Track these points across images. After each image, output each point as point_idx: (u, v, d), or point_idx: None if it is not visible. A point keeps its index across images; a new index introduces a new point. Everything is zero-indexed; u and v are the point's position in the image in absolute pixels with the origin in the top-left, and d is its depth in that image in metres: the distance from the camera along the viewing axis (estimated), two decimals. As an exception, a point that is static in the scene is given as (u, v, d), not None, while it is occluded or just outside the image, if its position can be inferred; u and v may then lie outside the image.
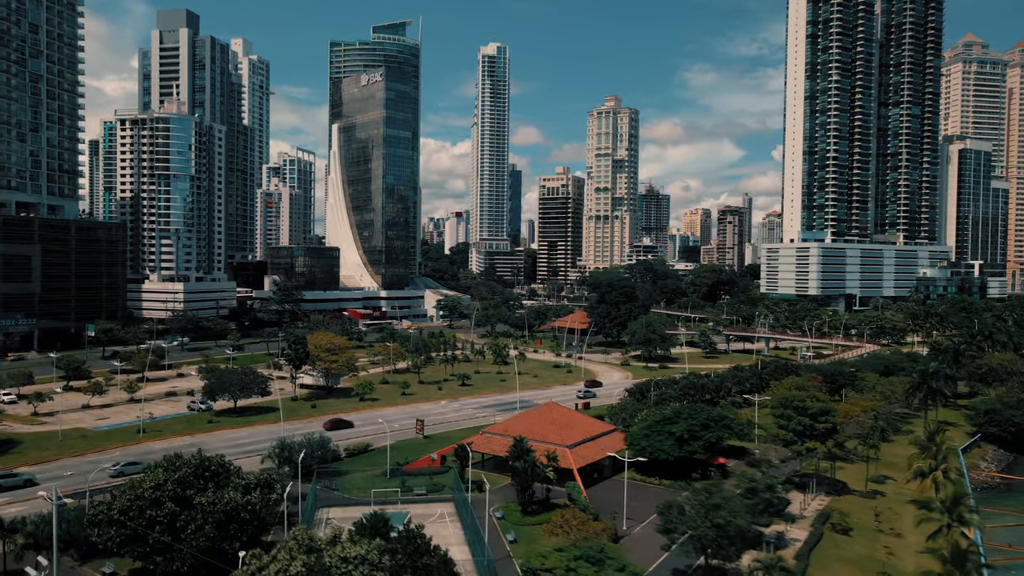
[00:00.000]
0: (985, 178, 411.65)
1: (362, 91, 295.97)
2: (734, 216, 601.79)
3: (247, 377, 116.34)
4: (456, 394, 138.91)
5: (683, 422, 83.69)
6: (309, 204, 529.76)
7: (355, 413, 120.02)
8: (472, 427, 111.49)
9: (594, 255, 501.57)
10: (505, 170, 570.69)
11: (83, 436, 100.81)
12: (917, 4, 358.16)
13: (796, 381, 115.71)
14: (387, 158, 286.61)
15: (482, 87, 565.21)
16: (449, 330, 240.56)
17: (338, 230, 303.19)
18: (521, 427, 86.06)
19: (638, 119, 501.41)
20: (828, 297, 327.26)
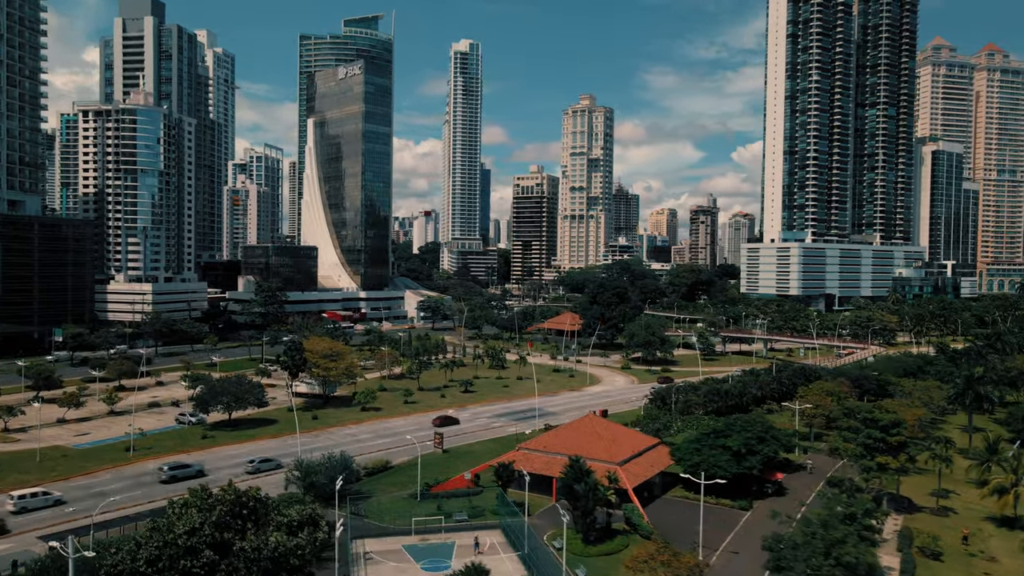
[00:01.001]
0: (957, 180, 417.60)
1: (339, 85, 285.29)
2: (706, 216, 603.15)
3: (242, 386, 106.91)
4: (462, 402, 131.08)
5: (737, 435, 77.44)
6: (277, 202, 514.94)
7: (359, 425, 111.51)
8: (491, 439, 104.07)
9: (569, 255, 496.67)
10: (477, 169, 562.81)
11: (64, 455, 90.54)
12: (893, 6, 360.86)
13: (826, 386, 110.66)
14: (366, 154, 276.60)
15: (454, 84, 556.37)
16: (434, 332, 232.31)
17: (314, 229, 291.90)
18: (563, 442, 78.94)
19: (613, 118, 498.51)
20: (809, 297, 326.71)
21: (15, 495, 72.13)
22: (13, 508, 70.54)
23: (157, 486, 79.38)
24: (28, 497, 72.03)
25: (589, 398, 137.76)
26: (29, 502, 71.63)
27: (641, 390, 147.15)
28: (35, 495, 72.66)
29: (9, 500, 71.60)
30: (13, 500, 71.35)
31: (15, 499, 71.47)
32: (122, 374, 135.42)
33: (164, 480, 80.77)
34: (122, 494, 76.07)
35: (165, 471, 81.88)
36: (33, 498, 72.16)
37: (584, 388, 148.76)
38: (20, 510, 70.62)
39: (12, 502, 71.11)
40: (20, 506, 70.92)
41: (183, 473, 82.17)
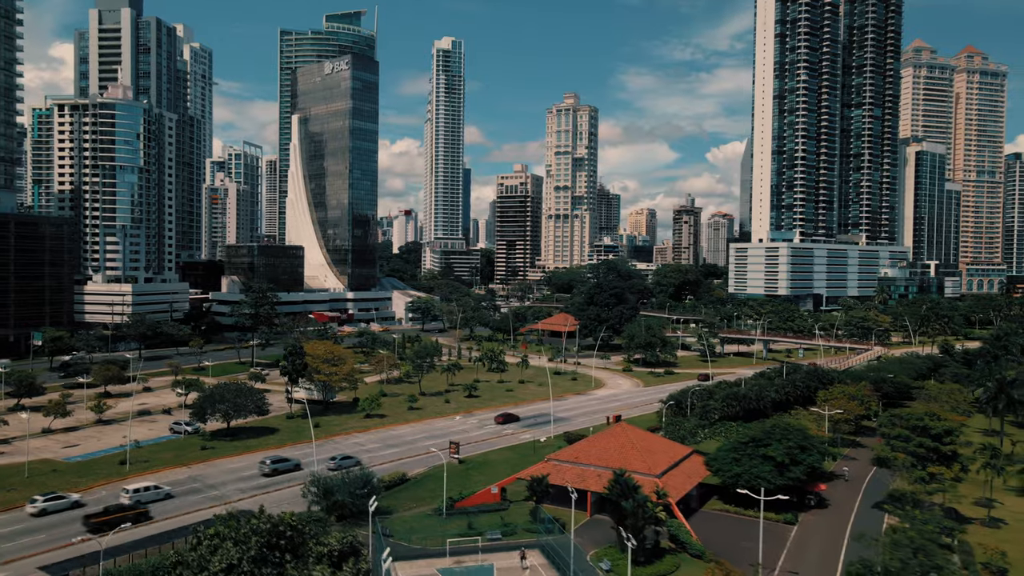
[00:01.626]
0: (940, 180, 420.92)
1: (325, 80, 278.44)
2: (689, 216, 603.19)
3: (241, 393, 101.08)
4: (468, 407, 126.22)
5: (778, 444, 73.63)
6: (256, 201, 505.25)
7: (365, 433, 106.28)
8: (506, 447, 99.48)
9: (554, 255, 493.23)
10: (460, 168, 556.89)
11: (54, 470, 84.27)
12: (878, 7, 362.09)
13: (848, 390, 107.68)
14: (354, 151, 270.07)
15: (436, 82, 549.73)
16: (424, 334, 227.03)
17: (299, 228, 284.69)
18: (596, 453, 74.61)
19: (597, 117, 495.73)
20: (797, 297, 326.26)
21: (130, 488, 74.28)
22: (128, 501, 72.23)
23: (162, 504, 73.65)
24: (142, 491, 74.15)
25: (597, 402, 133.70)
26: (143, 496, 73.66)
27: (647, 393, 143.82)
28: (148, 488, 74.92)
29: (124, 494, 73.70)
30: (128, 494, 73.49)
31: (130, 492, 73.64)
32: (108, 380, 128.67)
33: (266, 473, 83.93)
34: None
35: (268, 464, 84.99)
36: (146, 492, 74.34)
37: (590, 392, 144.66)
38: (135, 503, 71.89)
39: (127, 496, 73.22)
40: (135, 499, 72.78)
41: (284, 467, 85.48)
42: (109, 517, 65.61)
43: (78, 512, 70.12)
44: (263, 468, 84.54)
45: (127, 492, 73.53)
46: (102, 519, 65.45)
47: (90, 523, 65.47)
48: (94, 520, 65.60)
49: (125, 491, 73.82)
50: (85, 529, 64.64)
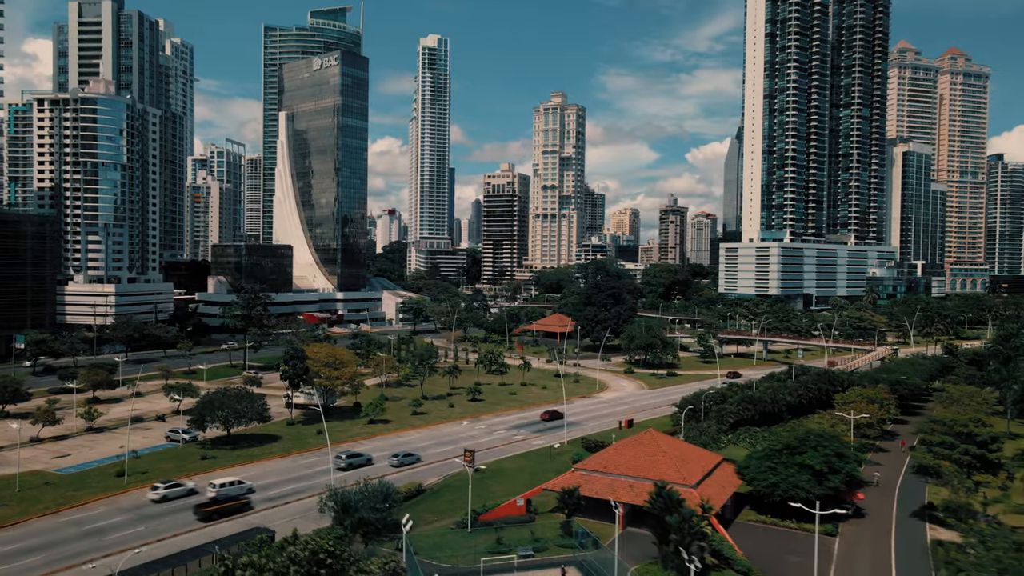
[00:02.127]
0: (926, 180, 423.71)
1: (313, 76, 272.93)
2: (675, 216, 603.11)
3: (241, 399, 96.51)
4: (473, 412, 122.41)
5: (813, 452, 70.67)
6: (239, 200, 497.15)
7: (372, 440, 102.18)
8: (519, 454, 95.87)
9: (541, 254, 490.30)
10: (446, 167, 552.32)
11: (46, 483, 79.28)
12: (866, 7, 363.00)
13: (866, 393, 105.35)
14: (343, 149, 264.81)
15: (422, 81, 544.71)
16: (416, 335, 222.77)
17: (287, 227, 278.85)
18: (625, 461, 71.23)
19: (584, 116, 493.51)
20: (788, 297, 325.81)
21: (216, 483, 75.58)
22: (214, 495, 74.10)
23: (167, 519, 69.26)
24: (227, 486, 75.73)
25: (604, 405, 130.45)
26: (229, 491, 75.31)
27: (653, 396, 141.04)
28: (232, 483, 76.49)
29: (211, 488, 74.94)
30: (215, 488, 74.73)
31: (216, 487, 74.94)
32: (96, 385, 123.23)
33: (342, 468, 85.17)
34: (126, 530, 65.89)
35: (343, 459, 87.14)
36: (231, 487, 75.97)
37: (594, 395, 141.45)
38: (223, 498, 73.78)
39: (214, 490, 74.55)
40: (221, 493, 74.34)
41: (358, 461, 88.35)
42: (218, 507, 71.56)
43: (194, 499, 74.77)
44: (339, 463, 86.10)
45: (214, 487, 74.98)
46: (212, 508, 71.04)
47: (201, 512, 70.68)
48: (204, 509, 70.80)
49: (212, 485, 75.31)
50: (196, 517, 70.34)
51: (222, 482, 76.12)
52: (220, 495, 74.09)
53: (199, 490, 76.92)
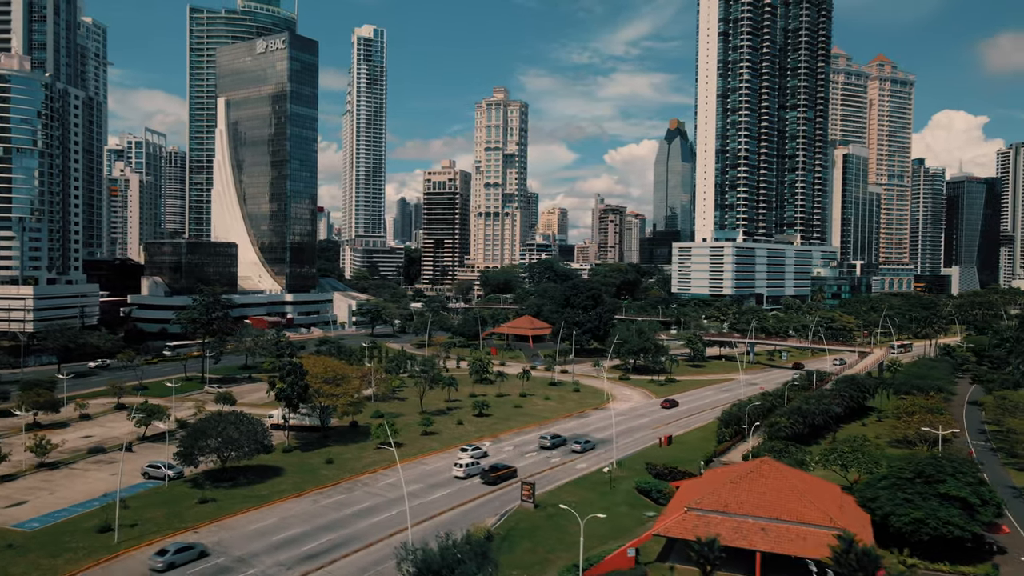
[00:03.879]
0: (863, 183, 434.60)
1: (256, 61, 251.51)
2: (615, 216, 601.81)
3: (241, 425, 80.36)
4: (489, 430, 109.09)
5: (952, 480, 61.72)
6: (160, 194, 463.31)
7: (393, 469, 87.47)
8: (571, 482, 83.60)
9: (483, 254, 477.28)
10: (383, 162, 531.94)
11: (9, 545, 61.44)
12: (811, 11, 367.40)
13: (918, 402, 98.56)
14: (292, 140, 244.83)
15: (357, 72, 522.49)
16: (375, 339, 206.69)
17: (228, 223, 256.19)
18: (747, 498, 60.18)
19: (527, 113, 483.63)
20: (741, 297, 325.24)
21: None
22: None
23: None
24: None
25: (624, 419, 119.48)
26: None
27: (664, 406, 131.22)
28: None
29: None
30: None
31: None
32: (37, 407, 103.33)
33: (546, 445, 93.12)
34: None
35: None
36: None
37: (605, 406, 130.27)
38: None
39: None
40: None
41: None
42: (499, 473, 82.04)
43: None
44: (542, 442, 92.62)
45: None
46: (496, 474, 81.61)
47: (488, 477, 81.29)
48: (492, 475, 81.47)
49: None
50: (483, 482, 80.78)
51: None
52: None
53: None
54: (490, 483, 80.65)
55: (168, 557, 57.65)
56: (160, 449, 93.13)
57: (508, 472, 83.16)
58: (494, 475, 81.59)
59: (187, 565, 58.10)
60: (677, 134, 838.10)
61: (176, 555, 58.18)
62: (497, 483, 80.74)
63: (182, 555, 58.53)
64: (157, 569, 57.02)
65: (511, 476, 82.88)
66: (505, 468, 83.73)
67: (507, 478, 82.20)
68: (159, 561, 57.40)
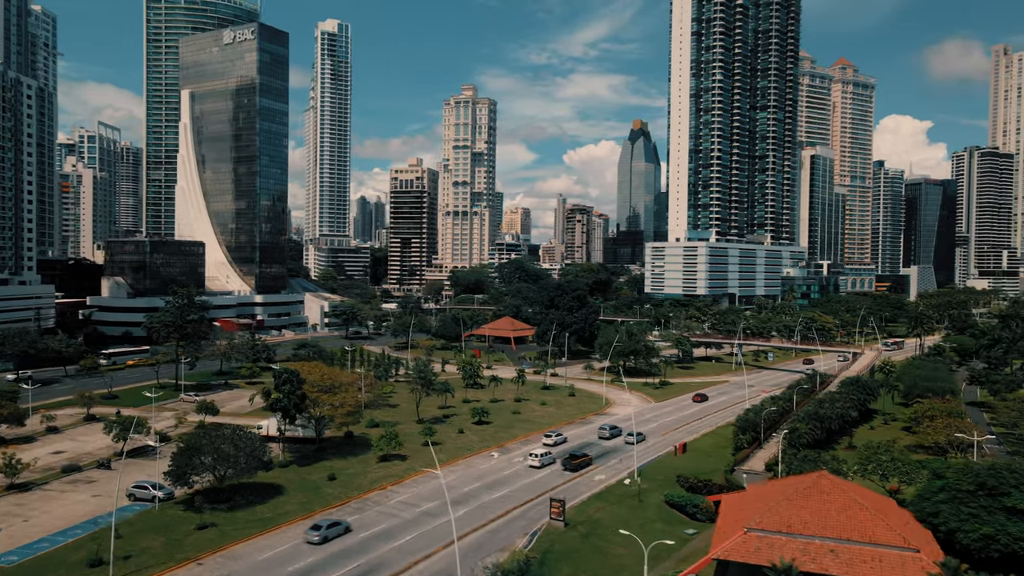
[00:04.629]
0: (830, 184, 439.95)
1: (224, 52, 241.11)
2: (582, 215, 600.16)
3: (238, 441, 73.36)
4: (494, 439, 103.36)
5: (1019, 492, 58.44)
6: (114, 191, 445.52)
7: (402, 485, 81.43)
8: (596, 495, 78.48)
9: (452, 253, 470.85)
10: (347, 160, 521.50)
11: (-16, 586, 54.22)
12: (781, 12, 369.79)
13: (941, 406, 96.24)
14: (261, 135, 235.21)
15: (321, 68, 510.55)
16: (350, 342, 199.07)
17: (192, 221, 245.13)
18: (810, 518, 55.91)
19: (496, 111, 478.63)
20: (715, 297, 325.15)
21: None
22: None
23: None
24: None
25: (630, 426, 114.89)
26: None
27: (667, 410, 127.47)
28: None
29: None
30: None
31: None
32: (0, 420, 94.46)
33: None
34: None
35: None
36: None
37: (605, 411, 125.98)
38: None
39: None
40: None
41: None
42: (578, 460, 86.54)
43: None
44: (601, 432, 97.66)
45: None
46: (576, 461, 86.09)
47: (570, 464, 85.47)
48: (573, 462, 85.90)
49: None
50: (564, 469, 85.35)
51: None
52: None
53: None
54: (571, 470, 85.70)
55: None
56: (142, 466, 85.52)
57: (586, 460, 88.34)
58: (575, 462, 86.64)
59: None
60: (640, 135, 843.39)
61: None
62: (577, 469, 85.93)
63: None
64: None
65: (588, 464, 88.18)
66: (583, 456, 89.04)
67: (584, 465, 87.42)
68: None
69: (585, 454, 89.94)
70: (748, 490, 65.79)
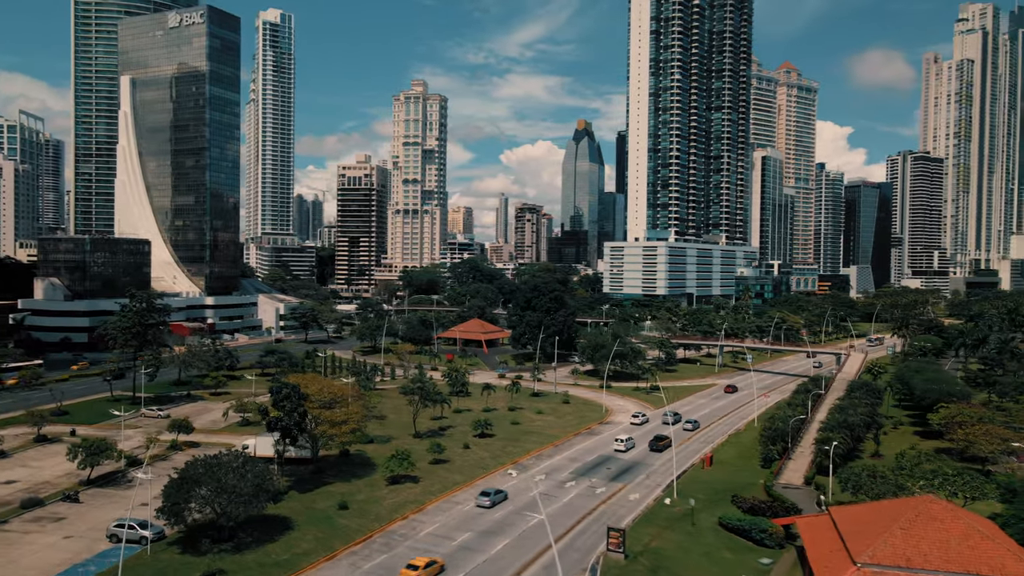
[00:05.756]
0: (779, 185, 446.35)
1: (168, 36, 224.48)
2: (532, 214, 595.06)
3: (242, 473, 63.02)
4: (504, 455, 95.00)
5: None
6: (38, 185, 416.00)
7: (425, 514, 72.30)
8: (641, 519, 71.21)
9: (402, 253, 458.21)
10: (292, 155, 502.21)
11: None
12: (734, 14, 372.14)
13: (969, 411, 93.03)
14: (211, 126, 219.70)
15: (262, 60, 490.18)
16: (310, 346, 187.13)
17: (134, 218, 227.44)
18: (930, 549, 49.94)
19: (447, 107, 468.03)
20: (675, 297, 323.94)
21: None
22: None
23: None
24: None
25: (643, 436, 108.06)
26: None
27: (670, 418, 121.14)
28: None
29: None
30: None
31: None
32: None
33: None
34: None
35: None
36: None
37: (608, 420, 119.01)
38: None
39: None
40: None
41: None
42: (663, 442, 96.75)
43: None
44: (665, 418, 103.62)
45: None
46: (661, 443, 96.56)
47: (656, 445, 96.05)
48: (659, 444, 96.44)
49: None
50: (650, 449, 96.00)
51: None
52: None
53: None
54: (657, 451, 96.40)
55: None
56: (114, 497, 74.10)
57: (667, 442, 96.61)
58: (660, 444, 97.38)
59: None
60: (585, 135, 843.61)
61: None
62: (662, 451, 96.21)
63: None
64: None
65: (668, 445, 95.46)
66: (665, 438, 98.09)
67: (666, 447, 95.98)
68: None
69: (666, 436, 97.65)
70: (835, 514, 59.67)
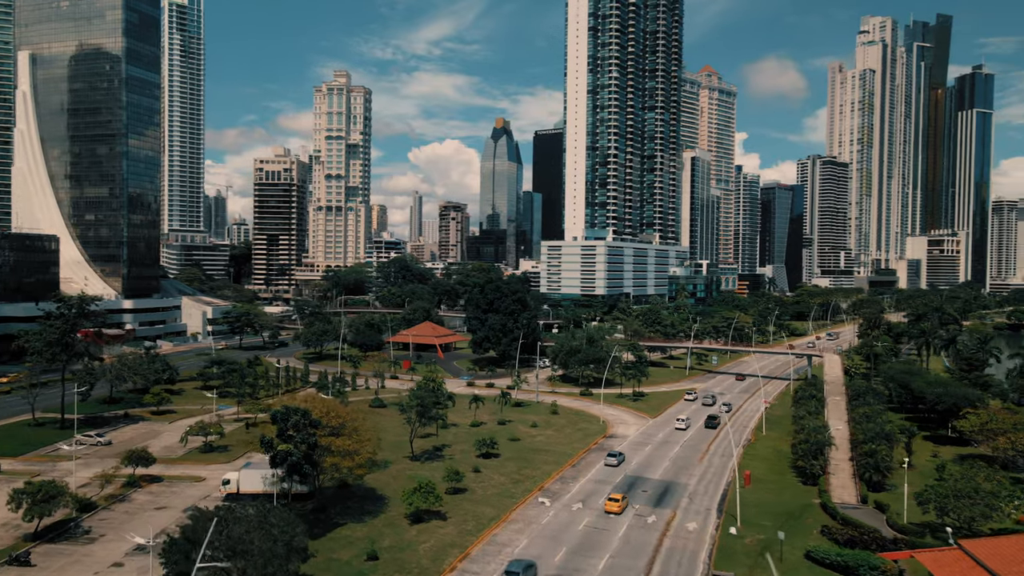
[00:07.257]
0: (707, 185, 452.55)
1: (76, 8, 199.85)
2: (457, 212, 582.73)
3: (269, 527, 50.10)
4: (526, 478, 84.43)
5: None
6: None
7: (472, 562, 61.21)
8: (720, 554, 62.58)
9: (324, 251, 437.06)
10: (202, 147, 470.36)
11: None
12: (666, 15, 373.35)
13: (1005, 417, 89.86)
14: (129, 109, 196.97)
15: (169, 44, 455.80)
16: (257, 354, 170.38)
17: (35, 211, 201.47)
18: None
19: (371, 100, 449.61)
20: (613, 297, 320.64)
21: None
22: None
23: None
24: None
25: (653, 449, 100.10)
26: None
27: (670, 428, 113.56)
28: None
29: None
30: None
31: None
32: None
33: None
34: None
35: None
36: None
37: (610, 433, 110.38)
38: None
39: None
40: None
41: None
42: (716, 420, 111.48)
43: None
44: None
45: None
46: (715, 421, 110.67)
47: (712, 423, 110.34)
48: (713, 422, 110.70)
49: None
50: (706, 427, 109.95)
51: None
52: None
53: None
54: (712, 428, 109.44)
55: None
56: (75, 556, 59.24)
57: (719, 420, 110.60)
58: (715, 421, 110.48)
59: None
60: (503, 133, 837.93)
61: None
62: (716, 428, 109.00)
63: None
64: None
65: (719, 424, 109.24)
66: (717, 416, 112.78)
67: (719, 425, 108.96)
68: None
69: (718, 416, 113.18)
70: (973, 549, 52.71)
